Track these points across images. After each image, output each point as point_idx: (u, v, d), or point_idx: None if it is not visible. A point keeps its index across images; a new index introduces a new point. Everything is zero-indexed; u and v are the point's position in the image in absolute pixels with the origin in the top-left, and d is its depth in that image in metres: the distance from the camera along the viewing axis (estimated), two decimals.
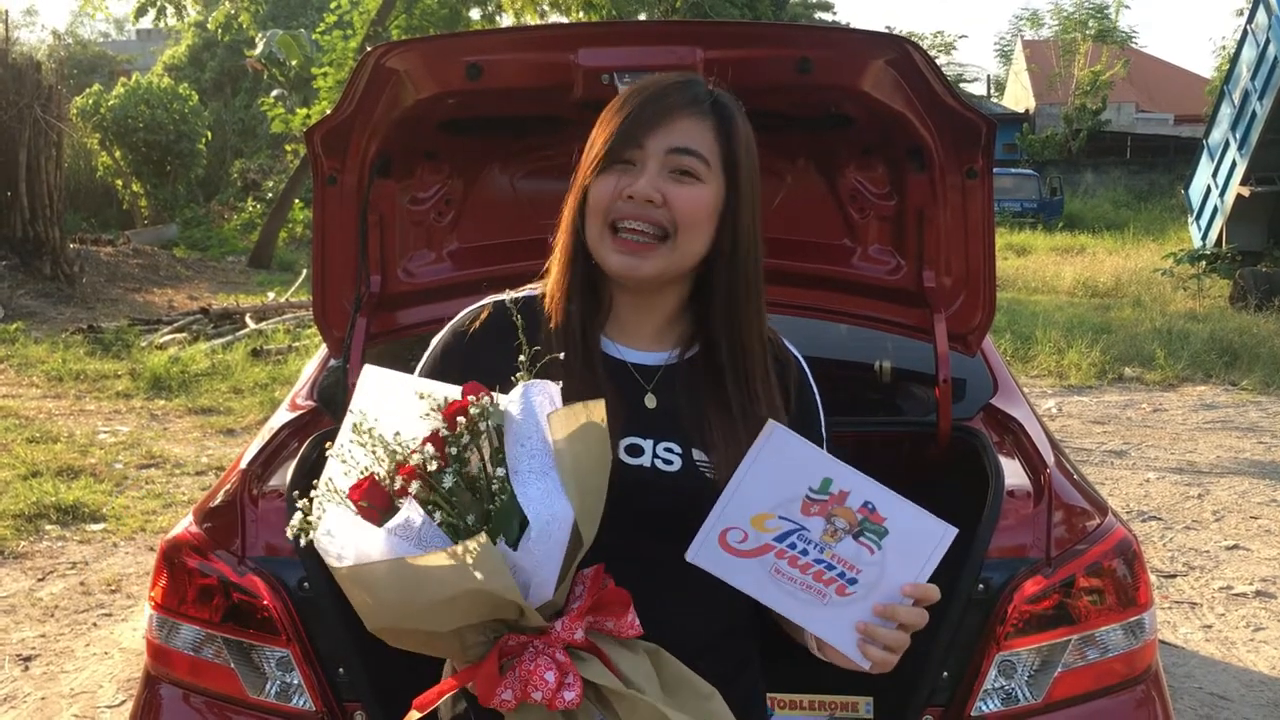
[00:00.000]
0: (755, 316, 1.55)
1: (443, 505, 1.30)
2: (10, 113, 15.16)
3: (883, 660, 1.38)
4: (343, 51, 17.87)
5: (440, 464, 1.29)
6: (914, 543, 1.37)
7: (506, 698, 1.32)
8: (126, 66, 33.64)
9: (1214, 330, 11.60)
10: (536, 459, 1.32)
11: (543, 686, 1.30)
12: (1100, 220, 26.74)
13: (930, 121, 2.27)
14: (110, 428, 7.98)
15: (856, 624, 1.37)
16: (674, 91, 1.49)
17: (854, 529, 1.36)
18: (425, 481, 1.29)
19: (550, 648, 1.33)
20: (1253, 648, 4.43)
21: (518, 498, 1.30)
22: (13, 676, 4.12)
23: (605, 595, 1.39)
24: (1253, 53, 14.93)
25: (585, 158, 1.51)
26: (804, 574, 1.36)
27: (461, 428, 1.30)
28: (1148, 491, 6.59)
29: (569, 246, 1.53)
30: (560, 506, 1.30)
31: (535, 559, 1.30)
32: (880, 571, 1.36)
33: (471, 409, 1.31)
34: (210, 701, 2.12)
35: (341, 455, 1.36)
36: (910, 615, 1.37)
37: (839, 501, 1.36)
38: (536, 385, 1.36)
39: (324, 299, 2.56)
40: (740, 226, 1.52)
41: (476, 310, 1.60)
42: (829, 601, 1.37)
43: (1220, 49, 38.89)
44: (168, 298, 15.90)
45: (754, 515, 1.36)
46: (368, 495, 1.31)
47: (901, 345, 2.90)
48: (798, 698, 2.39)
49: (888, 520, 1.36)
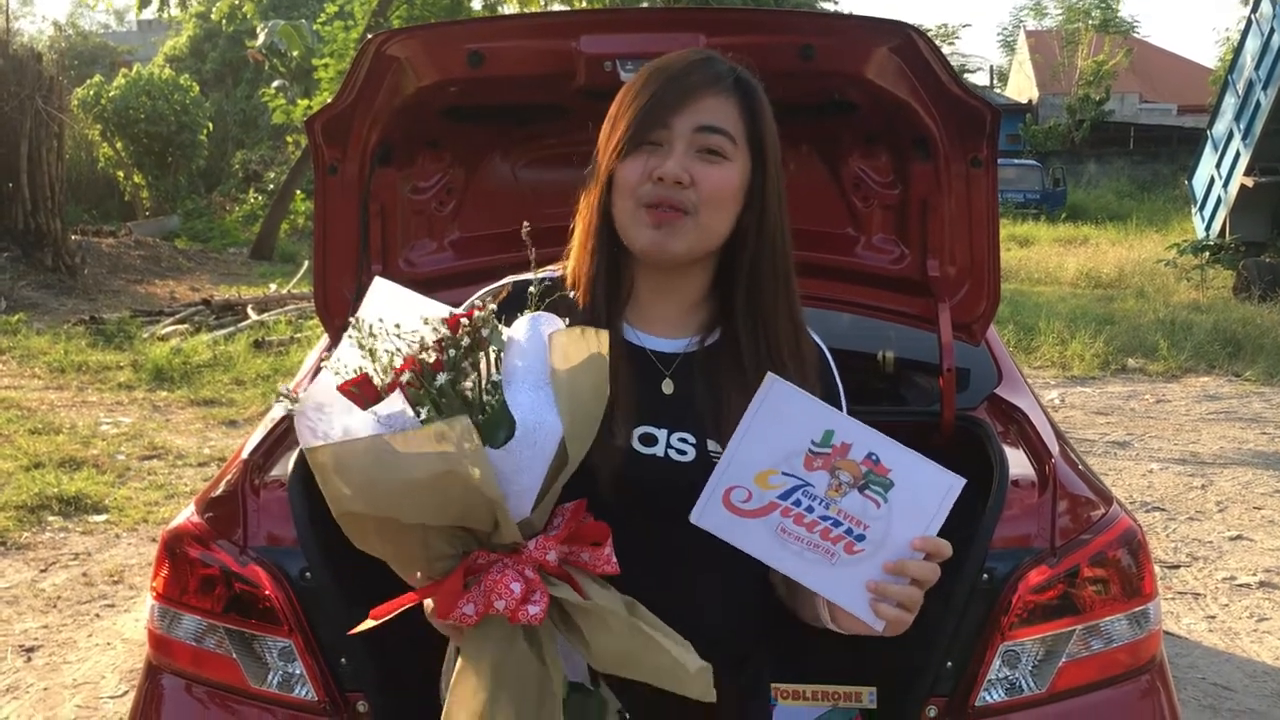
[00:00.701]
0: (784, 295, 1.53)
1: (430, 404, 1.27)
2: (11, 104, 15.14)
3: (896, 618, 1.35)
4: (344, 42, 17.81)
5: (436, 362, 1.28)
6: (921, 494, 1.34)
7: (468, 611, 1.29)
8: (127, 57, 33.58)
9: (1217, 321, 11.58)
10: (532, 374, 1.31)
11: (507, 596, 1.27)
12: (1103, 211, 26.68)
13: (934, 109, 2.26)
14: (112, 419, 7.98)
15: (867, 583, 1.34)
16: (697, 69, 1.47)
17: (859, 482, 1.33)
18: (418, 374, 1.28)
19: (520, 564, 1.29)
20: (1256, 638, 4.43)
21: (507, 402, 1.28)
22: (15, 667, 4.12)
23: (583, 527, 1.36)
24: (1257, 43, 14.88)
25: (607, 140, 1.49)
26: (810, 532, 1.34)
27: (463, 330, 1.29)
28: (1151, 482, 6.58)
29: (594, 230, 1.51)
30: (550, 417, 1.29)
31: (517, 462, 1.28)
32: (888, 526, 1.34)
33: (477, 314, 1.30)
34: (212, 692, 2.12)
35: (336, 367, 1.34)
36: (922, 570, 1.34)
37: (842, 454, 1.33)
38: (544, 316, 1.35)
39: (325, 289, 2.55)
40: (767, 203, 1.50)
41: (496, 289, 1.59)
42: (837, 561, 1.34)
43: (1224, 39, 38.82)
44: (169, 289, 15.89)
45: (757, 473, 1.34)
46: (359, 386, 1.30)
47: (905, 335, 2.88)
48: (801, 688, 2.38)
49: (893, 472, 1.34)
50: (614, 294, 1.51)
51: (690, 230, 1.45)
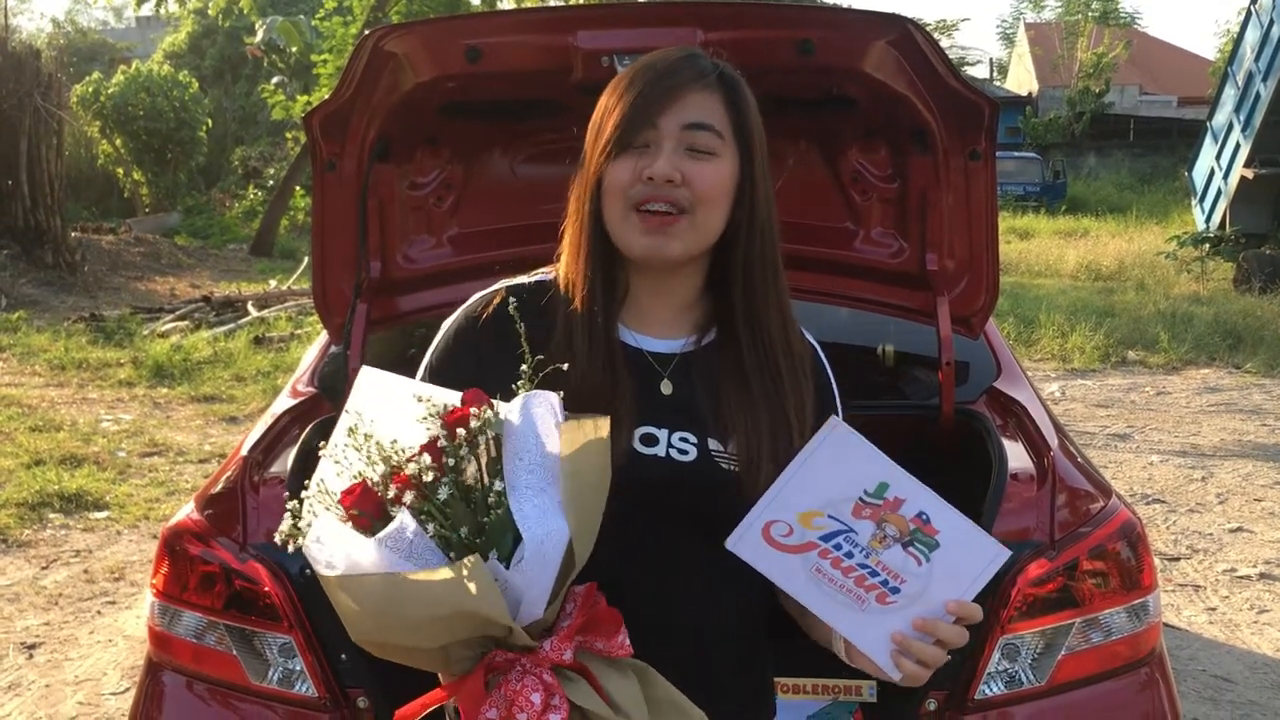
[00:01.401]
0: (774, 292, 1.52)
1: (436, 516, 1.27)
2: (10, 101, 15.14)
3: (915, 674, 1.34)
4: (342, 38, 17.80)
5: (437, 474, 1.27)
6: (964, 559, 1.33)
7: (491, 716, 1.29)
8: (126, 54, 33.55)
9: (1217, 313, 11.58)
10: (534, 474, 1.29)
11: (528, 708, 1.27)
12: (1103, 203, 26.66)
13: (933, 103, 2.26)
14: (113, 416, 7.99)
15: (893, 634, 1.33)
16: (680, 67, 1.45)
17: (904, 538, 1.32)
18: (419, 492, 1.27)
19: (537, 667, 1.30)
20: (1256, 630, 4.43)
21: (513, 513, 1.27)
22: (17, 664, 4.12)
23: (596, 614, 1.35)
24: (1256, 34, 14.86)
25: (594, 142, 1.47)
26: (846, 577, 1.32)
27: (461, 439, 1.27)
28: (1151, 475, 6.58)
29: (585, 233, 1.48)
30: (556, 524, 1.27)
31: (528, 577, 1.27)
32: (925, 584, 1.32)
33: (473, 421, 1.28)
34: (213, 688, 2.12)
35: (335, 456, 1.33)
36: (951, 633, 1.33)
37: (893, 508, 1.32)
38: (538, 396, 1.32)
39: (324, 285, 2.54)
40: (757, 197, 1.49)
41: (489, 295, 1.56)
42: (868, 608, 1.33)
43: (1224, 30, 38.76)
44: (169, 286, 15.90)
45: (802, 511, 1.32)
46: (359, 503, 1.29)
47: (904, 328, 2.88)
48: (801, 681, 2.38)
49: (940, 534, 1.32)
50: (609, 297, 1.49)
51: (686, 230, 1.44)
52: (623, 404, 1.42)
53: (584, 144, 1.51)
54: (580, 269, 1.49)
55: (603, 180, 1.45)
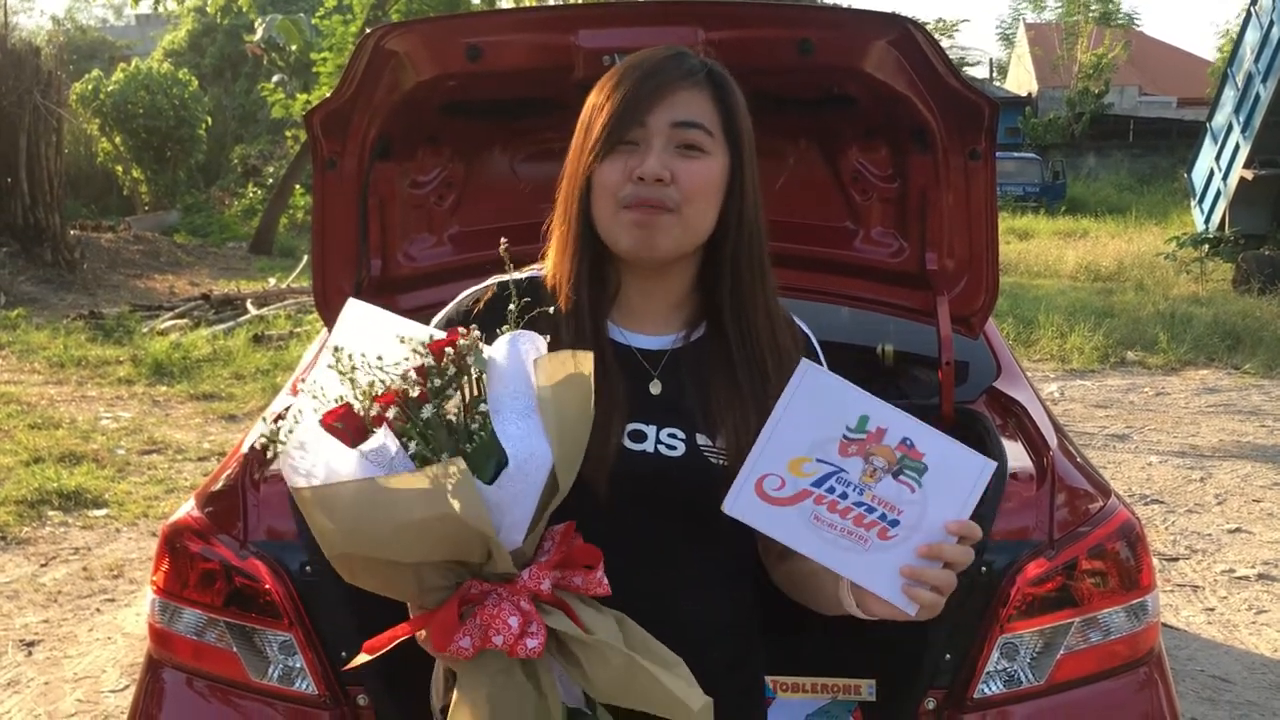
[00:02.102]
0: (762, 289, 1.53)
1: (418, 437, 1.26)
2: (10, 99, 15.14)
3: (931, 602, 1.32)
4: (342, 36, 17.79)
5: (421, 393, 1.26)
6: (954, 478, 1.32)
7: (464, 645, 1.28)
8: (126, 52, 33.56)
9: (1217, 314, 11.59)
10: (519, 401, 1.29)
11: (504, 631, 1.26)
12: (1103, 204, 26.67)
13: (932, 102, 2.26)
14: (112, 414, 7.99)
15: (901, 568, 1.32)
16: (668, 65, 1.46)
17: (893, 467, 1.32)
18: (403, 409, 1.26)
19: (515, 596, 1.29)
20: (1255, 630, 4.43)
21: (497, 434, 1.27)
22: (16, 662, 4.13)
23: (574, 551, 1.35)
24: (1256, 35, 14.87)
25: (583, 142, 1.47)
26: (844, 519, 1.32)
27: (447, 360, 1.27)
28: (1150, 475, 6.59)
29: (573, 233, 1.49)
30: (540, 447, 1.27)
31: (509, 496, 1.27)
32: (922, 510, 1.32)
33: (461, 342, 1.28)
34: (213, 685, 2.12)
35: (314, 391, 1.32)
36: (956, 553, 1.32)
37: (877, 439, 1.32)
38: (524, 335, 1.34)
39: (324, 283, 2.54)
40: (745, 194, 1.49)
41: (480, 290, 1.58)
42: (871, 546, 1.32)
43: (1223, 31, 38.76)
44: (169, 284, 15.90)
45: (791, 460, 1.32)
46: (342, 419, 1.27)
47: (904, 328, 2.89)
48: (800, 680, 2.39)
49: (926, 456, 1.32)
50: (599, 295, 1.51)
51: (674, 227, 1.44)
52: (612, 402, 1.43)
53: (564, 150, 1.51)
54: (568, 269, 1.49)
55: (592, 180, 1.45)
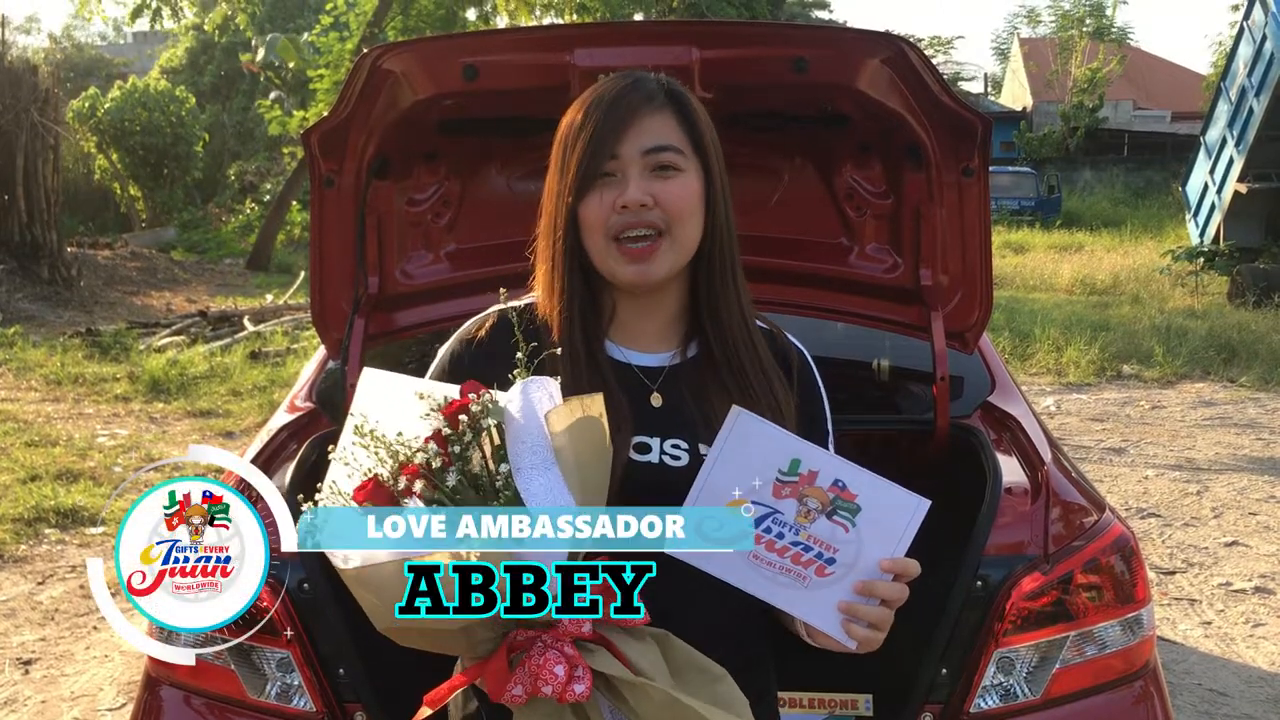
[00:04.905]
0: (735, 302, 1.57)
1: (448, 503, 1.31)
2: (7, 116, 15.16)
3: (866, 638, 1.38)
4: (339, 53, 17.87)
5: (444, 462, 1.30)
6: (888, 517, 1.37)
7: (517, 693, 1.33)
8: (123, 70, 33.62)
9: (1212, 327, 11.61)
10: (538, 454, 1.33)
11: (552, 680, 1.31)
12: (1098, 218, 26.74)
13: (926, 120, 2.28)
14: (109, 431, 7.98)
15: (838, 604, 1.38)
16: (629, 93, 1.51)
17: (827, 508, 1.36)
18: (429, 480, 1.30)
19: (558, 642, 1.34)
20: (1252, 644, 4.44)
21: (521, 493, 1.31)
22: (13, 680, 4.12)
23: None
24: (1249, 50, 14.93)
25: (559, 180, 1.52)
26: (782, 558, 1.37)
27: (463, 425, 1.32)
28: (1147, 489, 6.59)
29: (563, 265, 1.53)
30: (563, 500, 1.32)
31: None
32: (857, 549, 1.37)
33: (473, 406, 1.32)
34: (211, 703, 2.12)
35: (344, 458, 1.37)
36: (890, 590, 1.37)
37: (809, 482, 1.36)
38: (535, 382, 1.37)
39: (322, 300, 2.56)
40: (716, 205, 1.54)
41: (482, 319, 1.61)
42: (809, 584, 1.37)
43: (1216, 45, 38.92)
44: (166, 300, 15.90)
45: (727, 502, 1.37)
46: (372, 496, 1.32)
47: (899, 343, 2.90)
48: (798, 695, 2.39)
49: (859, 497, 1.36)
50: (594, 322, 1.55)
51: (667, 251, 1.50)
52: (617, 417, 1.45)
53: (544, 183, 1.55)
54: (560, 302, 1.54)
55: (578, 217, 1.50)
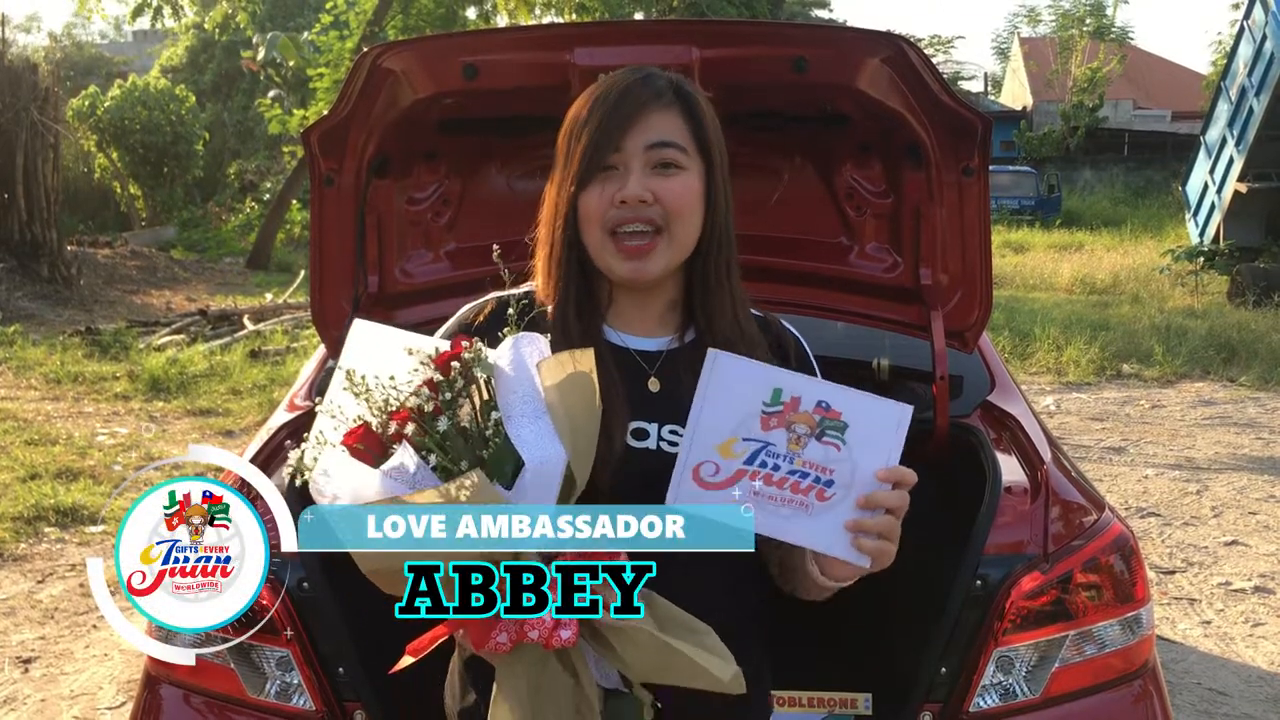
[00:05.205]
0: (728, 302, 1.58)
1: (436, 449, 1.31)
2: (7, 115, 15.15)
3: (878, 549, 1.39)
4: (339, 52, 17.85)
5: (435, 407, 1.31)
6: (876, 429, 1.39)
7: (501, 640, 1.33)
8: (123, 68, 33.61)
9: (1212, 326, 11.61)
10: (529, 404, 1.35)
11: (539, 626, 1.31)
12: (1098, 217, 26.74)
13: (926, 119, 2.28)
14: (109, 429, 7.98)
15: (845, 523, 1.39)
16: (637, 88, 1.52)
17: (815, 430, 1.38)
18: (420, 425, 1.31)
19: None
20: (1251, 643, 4.44)
21: (512, 440, 1.32)
22: (13, 678, 4.12)
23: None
24: (1249, 49, 14.94)
25: (563, 171, 1.53)
26: (781, 489, 1.38)
27: (455, 373, 1.32)
28: (1146, 488, 6.59)
29: (561, 257, 1.54)
30: (554, 448, 1.33)
31: (530, 499, 1.32)
32: (852, 466, 1.38)
33: (465, 354, 1.33)
34: (210, 701, 2.13)
35: (331, 410, 1.37)
36: (891, 498, 1.39)
37: (793, 408, 1.38)
38: (525, 337, 1.39)
39: (322, 299, 2.56)
40: (717, 203, 1.55)
41: (480, 305, 1.63)
42: (812, 510, 1.39)
43: (1216, 44, 38.89)
44: (165, 299, 15.89)
45: (719, 444, 1.38)
46: (363, 440, 1.33)
47: (899, 342, 2.90)
48: (797, 695, 2.40)
49: (844, 414, 1.38)
50: (590, 310, 1.56)
51: (664, 249, 1.51)
52: (614, 402, 1.47)
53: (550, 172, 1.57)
54: (558, 289, 1.55)
55: (577, 208, 1.51)
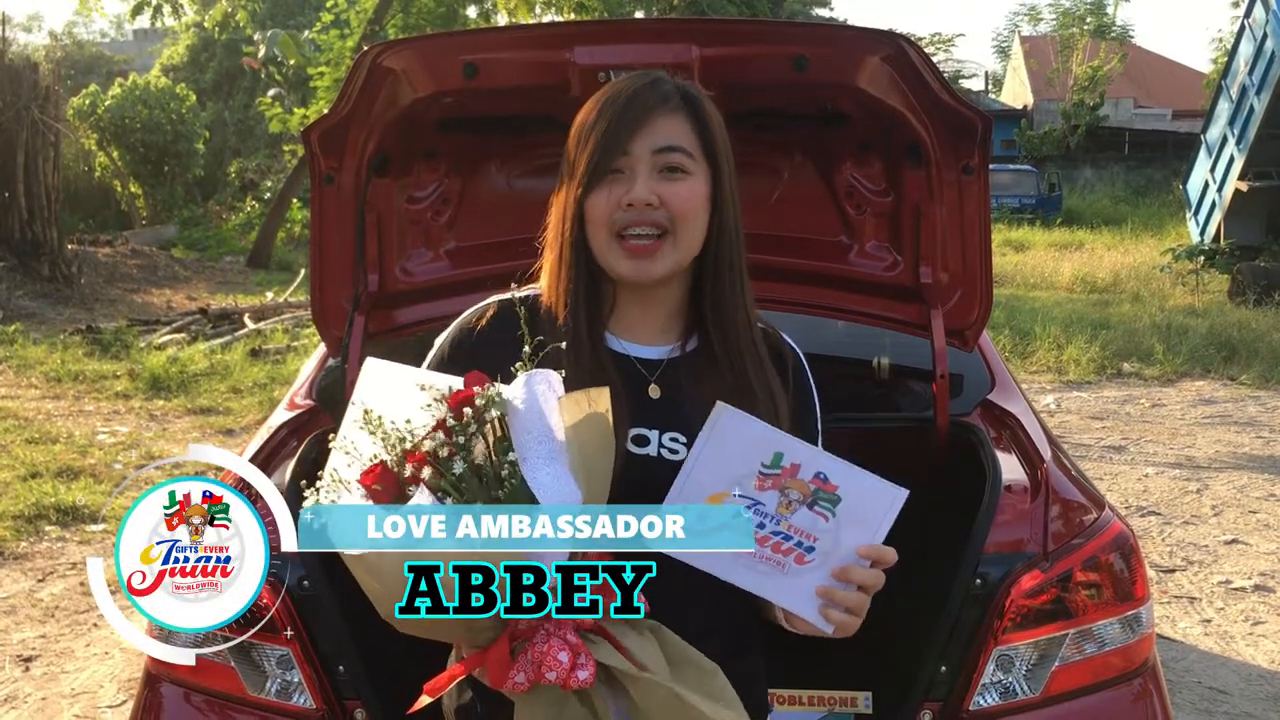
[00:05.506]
0: (740, 300, 1.59)
1: (453, 492, 1.31)
2: (7, 114, 15.15)
3: (842, 622, 1.41)
4: (340, 50, 17.83)
5: (450, 451, 1.31)
6: (867, 507, 1.40)
7: (519, 680, 1.34)
8: (124, 67, 33.60)
9: (1212, 325, 11.61)
10: (545, 445, 1.34)
11: (557, 667, 1.32)
12: (1099, 216, 26.72)
13: (926, 118, 2.28)
14: (109, 428, 7.99)
15: (816, 589, 1.40)
16: (644, 93, 1.53)
17: (808, 499, 1.39)
18: (436, 468, 1.31)
19: (561, 630, 1.35)
20: (1251, 642, 4.44)
21: (529, 483, 1.32)
22: (13, 677, 4.12)
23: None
24: (1250, 48, 14.92)
25: (570, 175, 1.54)
26: (762, 547, 1.39)
27: (468, 417, 1.32)
28: (1146, 487, 6.59)
29: (565, 259, 1.56)
30: (570, 491, 1.33)
31: None
32: (836, 538, 1.39)
33: (478, 399, 1.33)
34: (211, 700, 2.13)
35: (345, 447, 1.38)
36: (866, 576, 1.41)
37: (791, 474, 1.39)
38: (539, 375, 1.38)
39: (322, 298, 2.56)
40: (724, 208, 1.56)
41: (482, 308, 1.63)
42: (788, 571, 1.40)
43: (1217, 42, 38.87)
44: (166, 298, 15.89)
45: (710, 495, 1.39)
46: (380, 480, 1.33)
47: (899, 341, 2.90)
48: (797, 693, 2.40)
49: (840, 488, 1.39)
50: (596, 313, 1.57)
51: (669, 251, 1.52)
52: (616, 409, 1.46)
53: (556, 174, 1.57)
54: (564, 290, 1.56)
55: (584, 210, 1.52)
